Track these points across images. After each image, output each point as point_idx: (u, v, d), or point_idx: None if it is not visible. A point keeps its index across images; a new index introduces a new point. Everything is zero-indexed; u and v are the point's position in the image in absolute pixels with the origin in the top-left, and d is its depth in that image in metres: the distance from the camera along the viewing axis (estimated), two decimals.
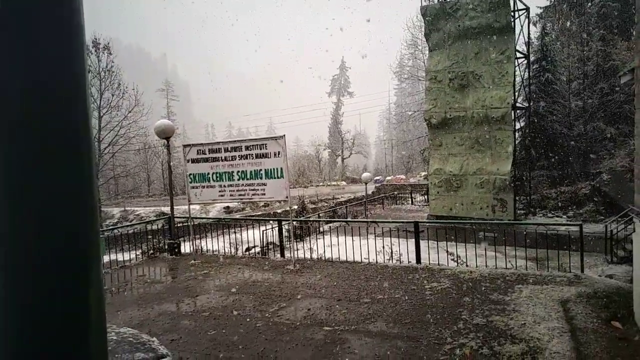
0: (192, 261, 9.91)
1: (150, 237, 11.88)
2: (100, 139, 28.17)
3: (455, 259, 9.95)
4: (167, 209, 16.48)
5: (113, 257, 10.23)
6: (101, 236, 11.43)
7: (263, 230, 12.73)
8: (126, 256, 10.51)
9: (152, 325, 6.08)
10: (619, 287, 6.65)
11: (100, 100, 28.29)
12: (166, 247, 11.16)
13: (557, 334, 5.05)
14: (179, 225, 12.77)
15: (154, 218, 16.90)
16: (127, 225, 15.84)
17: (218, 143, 9.71)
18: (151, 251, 11.30)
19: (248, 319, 6.15)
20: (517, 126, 20.80)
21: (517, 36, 18.69)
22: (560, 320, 5.44)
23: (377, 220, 17.21)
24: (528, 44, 20.94)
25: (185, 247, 11.39)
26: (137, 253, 11.11)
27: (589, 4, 25.70)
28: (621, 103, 21.75)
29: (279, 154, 8.94)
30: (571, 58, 25.10)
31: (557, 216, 19.47)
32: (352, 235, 9.83)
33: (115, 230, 12.94)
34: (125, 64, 33.84)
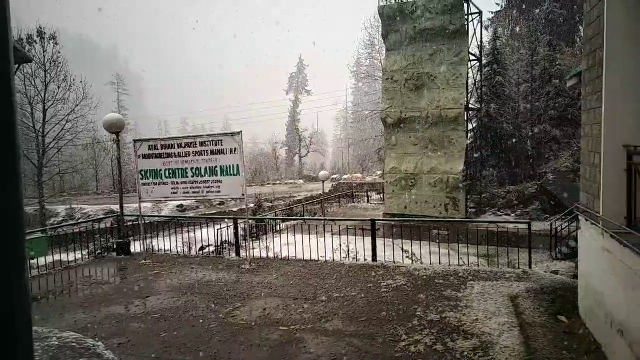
0: (143, 261, 9.54)
1: (98, 236, 11.34)
2: (45, 133, 26.69)
3: (411, 257, 10.09)
4: (116, 207, 15.84)
5: (57, 257, 9.66)
6: (44, 235, 10.83)
7: (218, 229, 12.46)
8: (71, 256, 9.97)
9: (99, 329, 5.78)
10: (564, 282, 6.94)
11: (45, 92, 26.77)
12: (115, 246, 10.70)
13: (507, 329, 5.19)
14: (129, 224, 12.28)
15: (103, 216, 16.16)
16: (73, 224, 15.06)
17: (171, 139, 9.40)
18: (99, 251, 10.80)
19: (201, 320, 5.96)
20: (470, 127, 21.44)
21: (470, 39, 19.23)
22: (510, 315, 5.60)
23: (334, 218, 17.25)
24: (480, 47, 21.62)
25: (136, 247, 10.95)
26: (84, 253, 10.56)
27: (537, 10, 26.84)
28: (566, 106, 22.83)
29: (235, 150, 8.75)
30: (520, 62, 26.13)
31: (506, 214, 20.20)
32: (309, 234, 9.77)
33: (60, 230, 12.27)
34: (72, 55, 32.24)
